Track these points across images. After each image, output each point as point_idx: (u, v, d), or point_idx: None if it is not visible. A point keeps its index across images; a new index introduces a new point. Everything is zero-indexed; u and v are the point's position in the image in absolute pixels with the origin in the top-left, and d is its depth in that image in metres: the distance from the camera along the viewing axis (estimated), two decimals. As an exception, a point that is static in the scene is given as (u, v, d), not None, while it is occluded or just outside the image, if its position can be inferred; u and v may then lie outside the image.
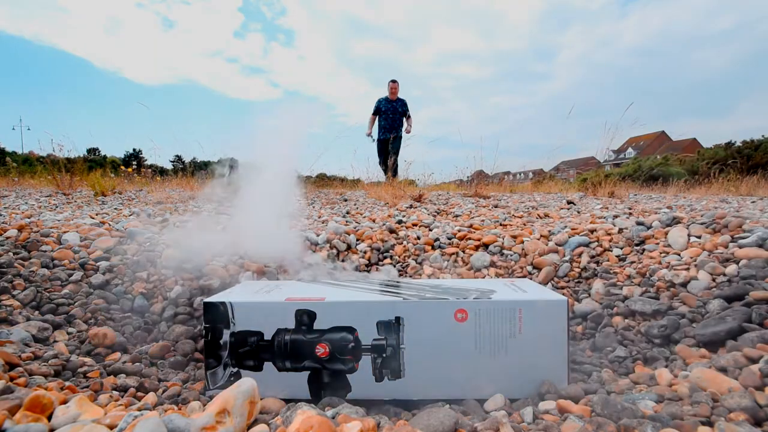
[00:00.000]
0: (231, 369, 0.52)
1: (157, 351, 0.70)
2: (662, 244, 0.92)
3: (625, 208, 2.34)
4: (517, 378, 0.51)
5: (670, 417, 0.39)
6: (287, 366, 0.52)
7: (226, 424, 0.36)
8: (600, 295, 0.85)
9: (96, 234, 0.97)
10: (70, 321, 0.73)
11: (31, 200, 2.78)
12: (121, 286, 0.83)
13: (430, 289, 0.61)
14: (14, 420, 0.37)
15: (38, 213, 1.90)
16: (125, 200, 2.98)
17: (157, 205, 2.49)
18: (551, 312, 0.52)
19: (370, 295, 0.57)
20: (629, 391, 0.49)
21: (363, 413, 0.45)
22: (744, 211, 2.08)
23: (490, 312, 0.51)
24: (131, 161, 6.81)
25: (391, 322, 0.51)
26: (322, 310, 0.52)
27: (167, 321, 0.80)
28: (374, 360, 0.51)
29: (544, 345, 0.51)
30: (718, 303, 0.68)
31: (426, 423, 0.41)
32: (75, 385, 0.50)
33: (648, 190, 5.40)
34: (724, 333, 0.58)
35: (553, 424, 0.40)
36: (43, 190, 3.70)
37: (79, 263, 0.84)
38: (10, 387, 0.42)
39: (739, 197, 3.85)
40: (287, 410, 0.45)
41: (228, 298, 0.54)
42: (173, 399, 0.50)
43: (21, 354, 0.54)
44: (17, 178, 4.33)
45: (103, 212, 1.98)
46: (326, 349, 0.51)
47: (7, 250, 0.81)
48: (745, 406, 0.39)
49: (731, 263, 0.76)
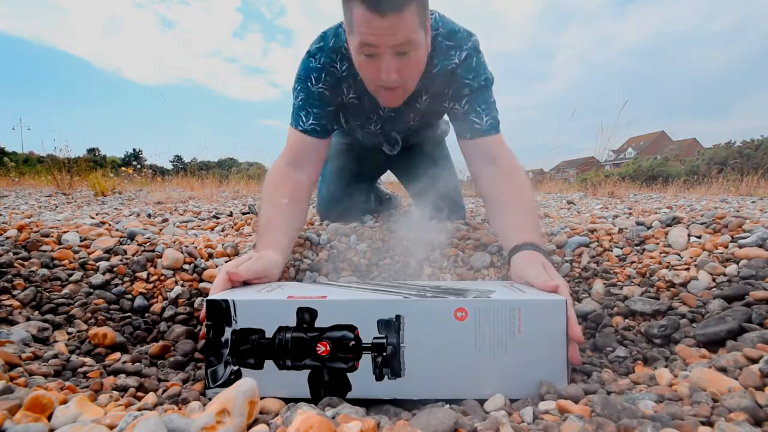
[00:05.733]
0: (231, 367, 0.52)
1: (157, 351, 0.70)
2: (662, 244, 0.93)
3: (625, 208, 2.34)
4: (516, 378, 0.51)
5: (670, 417, 0.39)
6: (288, 364, 0.52)
7: (226, 424, 0.36)
8: (600, 295, 0.85)
9: (96, 234, 0.97)
10: (70, 321, 0.73)
11: (31, 200, 2.78)
12: (121, 286, 0.83)
13: (430, 289, 0.61)
14: (14, 420, 0.37)
15: (38, 213, 1.90)
16: (125, 200, 2.98)
17: (157, 205, 2.49)
18: (550, 312, 0.52)
19: (370, 293, 0.58)
20: (629, 391, 0.49)
21: (363, 413, 0.45)
22: (744, 211, 2.09)
23: (489, 311, 0.51)
24: (131, 161, 6.81)
25: (391, 320, 0.51)
26: (324, 308, 0.52)
27: (167, 321, 0.80)
28: (374, 359, 0.51)
29: (544, 345, 0.51)
30: (718, 303, 0.68)
31: (426, 423, 0.41)
32: (75, 385, 0.50)
33: (648, 190, 5.41)
34: (724, 333, 0.58)
35: (553, 424, 0.40)
36: (43, 190, 3.70)
37: (79, 263, 0.85)
38: (10, 387, 0.42)
39: (739, 197, 3.85)
40: (287, 410, 0.45)
41: (230, 296, 0.54)
42: (173, 399, 0.50)
43: (21, 354, 0.54)
44: (17, 178, 4.33)
45: (103, 212, 1.98)
46: (327, 347, 0.51)
47: (7, 250, 0.81)
48: (745, 406, 0.39)
49: (731, 263, 0.77)
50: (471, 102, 0.93)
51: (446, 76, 0.94)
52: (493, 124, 0.92)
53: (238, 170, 5.90)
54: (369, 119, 1.08)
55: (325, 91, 0.95)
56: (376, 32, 0.74)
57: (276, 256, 0.75)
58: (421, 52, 0.82)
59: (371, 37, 0.75)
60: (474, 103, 0.92)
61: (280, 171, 0.93)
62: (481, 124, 0.92)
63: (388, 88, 0.84)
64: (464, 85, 0.93)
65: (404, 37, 0.75)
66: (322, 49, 0.94)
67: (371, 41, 0.75)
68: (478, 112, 0.92)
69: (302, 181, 0.93)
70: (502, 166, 0.89)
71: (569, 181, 5.73)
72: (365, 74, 0.85)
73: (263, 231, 0.82)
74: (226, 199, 2.97)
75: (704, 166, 7.87)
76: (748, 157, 8.11)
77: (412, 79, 0.86)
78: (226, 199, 2.97)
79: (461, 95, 0.94)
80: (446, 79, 0.95)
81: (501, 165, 0.89)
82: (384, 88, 0.84)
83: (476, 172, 0.95)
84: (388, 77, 0.79)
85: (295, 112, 0.96)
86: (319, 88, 0.95)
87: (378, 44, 0.76)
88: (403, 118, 1.07)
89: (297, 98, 0.96)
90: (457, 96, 0.95)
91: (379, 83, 0.84)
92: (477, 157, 0.94)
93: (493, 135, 0.92)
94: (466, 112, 0.93)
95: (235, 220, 1.43)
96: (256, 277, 0.68)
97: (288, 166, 0.93)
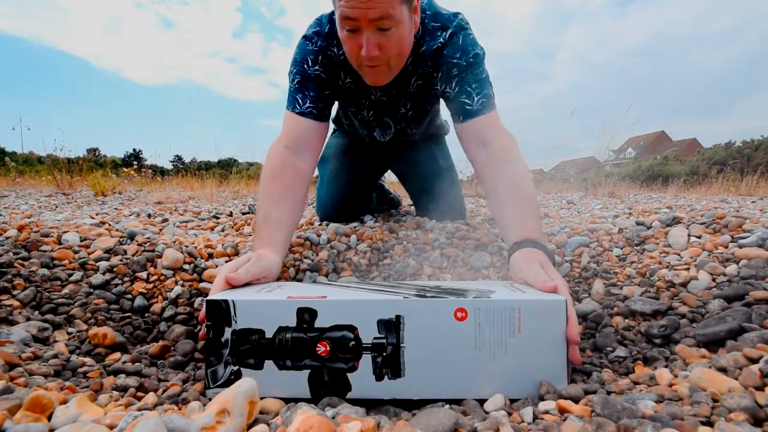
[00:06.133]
0: (232, 367, 0.52)
1: (157, 351, 0.70)
2: (662, 244, 0.93)
3: (625, 208, 2.34)
4: (516, 378, 0.51)
5: (670, 417, 0.39)
6: (288, 364, 0.52)
7: (226, 424, 0.36)
8: (600, 295, 0.85)
9: (96, 234, 0.97)
10: (70, 321, 0.73)
11: (31, 200, 2.78)
12: (121, 286, 0.83)
13: (430, 289, 0.61)
14: (14, 420, 0.37)
15: (38, 213, 1.90)
16: (125, 200, 2.98)
17: (157, 205, 2.49)
18: (550, 312, 0.52)
19: (370, 294, 0.58)
20: (629, 391, 0.49)
21: (363, 413, 0.45)
22: (744, 211, 2.09)
23: (489, 311, 0.51)
24: (131, 161, 6.82)
25: (391, 320, 0.51)
26: (323, 309, 0.52)
27: (167, 321, 0.80)
28: (374, 359, 0.51)
29: (544, 345, 0.51)
30: (718, 303, 0.68)
31: (426, 423, 0.41)
32: (75, 385, 0.50)
33: (648, 190, 5.41)
34: (724, 333, 0.58)
35: (553, 424, 0.40)
36: (43, 190, 3.70)
37: (79, 263, 0.85)
38: (10, 387, 0.42)
39: (739, 197, 3.86)
40: (287, 410, 0.45)
41: (230, 296, 0.54)
42: (173, 399, 0.51)
43: (21, 354, 0.54)
44: (17, 178, 4.33)
45: (103, 212, 1.98)
46: (327, 347, 0.51)
47: (7, 250, 0.81)
48: (745, 406, 0.39)
49: (731, 263, 0.77)
50: (461, 82, 0.91)
51: (433, 57, 0.93)
52: (485, 102, 0.89)
53: (238, 170, 5.90)
54: (362, 105, 1.08)
55: (321, 73, 0.95)
56: (355, 5, 0.74)
57: (275, 255, 0.74)
58: (404, 30, 0.81)
59: (349, 10, 0.75)
60: (464, 83, 0.90)
61: (278, 156, 0.89)
62: (472, 104, 0.89)
63: (370, 66, 0.84)
64: (453, 65, 0.91)
65: (383, 11, 0.75)
66: (319, 33, 0.95)
67: (350, 14, 0.76)
68: (468, 93, 0.89)
69: (302, 169, 0.90)
70: (495, 150, 0.85)
71: (569, 181, 5.73)
72: (348, 50, 0.85)
73: (262, 227, 0.80)
74: (226, 199, 2.97)
75: (704, 166, 7.87)
76: (748, 157, 8.11)
77: (396, 57, 0.85)
78: (226, 199, 2.97)
79: (451, 76, 0.92)
80: (434, 60, 0.94)
81: (494, 149, 0.86)
82: (367, 65, 0.85)
83: (471, 157, 0.92)
84: (368, 53, 0.79)
85: (291, 95, 0.95)
86: (315, 71, 0.94)
87: (357, 17, 0.76)
88: (395, 103, 1.06)
89: (293, 81, 0.95)
90: (446, 77, 0.93)
91: (361, 60, 0.84)
92: (471, 142, 0.90)
93: (485, 114, 0.89)
94: (457, 93, 0.91)
95: (235, 220, 1.43)
96: (256, 279, 0.68)
97: (286, 149, 0.90)
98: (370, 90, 1.02)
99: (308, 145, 0.93)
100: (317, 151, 0.97)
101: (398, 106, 1.08)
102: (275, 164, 0.88)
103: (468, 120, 0.90)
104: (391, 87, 1.00)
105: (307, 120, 0.93)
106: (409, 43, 0.86)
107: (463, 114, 0.91)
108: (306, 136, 0.93)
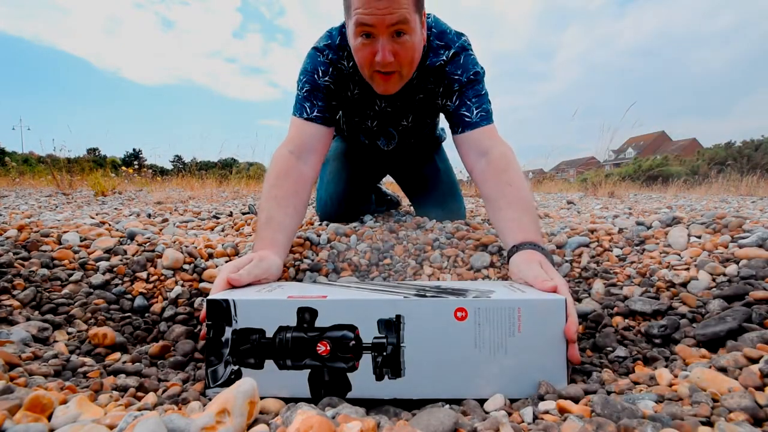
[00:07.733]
0: (232, 367, 0.52)
1: (157, 351, 0.70)
2: (662, 244, 0.93)
3: (625, 208, 2.34)
4: (516, 377, 0.51)
5: (670, 417, 0.39)
6: (288, 364, 0.52)
7: (226, 424, 0.36)
8: (600, 295, 0.85)
9: (96, 234, 0.97)
10: (70, 321, 0.73)
11: (31, 200, 2.78)
12: (121, 286, 0.83)
13: (430, 289, 0.61)
14: (14, 420, 0.37)
15: (38, 213, 1.90)
16: (125, 200, 2.98)
17: (157, 205, 2.49)
18: (550, 312, 0.52)
19: (370, 293, 0.58)
20: (629, 391, 0.49)
21: (363, 413, 0.45)
22: (744, 211, 2.09)
23: (489, 311, 0.51)
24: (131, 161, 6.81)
25: (391, 320, 0.51)
26: (324, 308, 0.52)
27: (167, 321, 0.80)
28: (374, 359, 0.51)
29: (544, 345, 0.51)
30: (718, 303, 0.68)
31: (426, 423, 0.41)
32: (75, 385, 0.50)
33: (648, 190, 5.41)
34: (724, 333, 0.58)
35: (553, 424, 0.40)
36: (43, 190, 3.70)
37: (79, 263, 0.85)
38: (10, 387, 0.42)
39: (739, 197, 3.85)
40: (287, 410, 0.45)
41: (230, 296, 0.54)
42: (173, 399, 0.51)
43: (21, 354, 0.54)
44: (17, 178, 4.33)
45: (103, 212, 1.98)
46: (327, 347, 0.51)
47: (7, 250, 0.81)
48: (745, 406, 0.39)
49: (731, 263, 0.77)
50: (461, 96, 0.95)
51: (436, 73, 0.97)
52: (484, 115, 0.93)
53: (238, 170, 5.90)
54: (367, 115, 1.10)
55: (330, 84, 0.97)
56: (373, 11, 0.76)
57: (276, 256, 0.75)
58: (416, 39, 0.83)
59: (368, 17, 0.77)
60: (464, 98, 0.94)
61: (283, 160, 0.91)
62: (471, 117, 0.93)
63: (384, 73, 0.86)
64: (454, 80, 0.95)
65: (401, 16, 0.77)
66: (330, 46, 0.97)
67: (368, 21, 0.77)
68: (468, 106, 0.94)
69: (305, 174, 0.92)
70: (494, 159, 0.88)
71: (569, 181, 5.72)
72: (361, 58, 0.86)
73: (264, 228, 0.81)
74: (226, 199, 2.97)
75: (704, 166, 7.87)
76: (748, 157, 8.11)
77: (407, 66, 0.87)
78: (226, 199, 2.97)
79: (451, 91, 0.96)
80: (436, 76, 0.97)
81: (493, 158, 0.89)
82: (380, 73, 0.86)
83: (470, 167, 0.95)
84: (383, 58, 0.81)
85: (298, 102, 0.97)
86: (325, 81, 0.97)
87: (375, 24, 0.77)
88: (399, 114, 1.09)
89: (302, 89, 0.97)
90: (447, 92, 0.97)
91: (375, 67, 0.85)
92: (470, 152, 0.94)
93: (483, 126, 0.93)
94: (457, 106, 0.95)
95: (235, 220, 1.43)
96: (257, 280, 0.68)
97: (291, 154, 0.92)
98: (375, 101, 1.05)
99: (313, 151, 0.95)
100: (321, 157, 0.99)
101: (401, 118, 1.11)
102: (280, 168, 0.90)
103: (467, 131, 0.94)
104: (396, 98, 1.03)
105: (313, 126, 0.96)
106: (419, 52, 0.88)
107: (462, 125, 0.95)
108: (311, 142, 0.95)
